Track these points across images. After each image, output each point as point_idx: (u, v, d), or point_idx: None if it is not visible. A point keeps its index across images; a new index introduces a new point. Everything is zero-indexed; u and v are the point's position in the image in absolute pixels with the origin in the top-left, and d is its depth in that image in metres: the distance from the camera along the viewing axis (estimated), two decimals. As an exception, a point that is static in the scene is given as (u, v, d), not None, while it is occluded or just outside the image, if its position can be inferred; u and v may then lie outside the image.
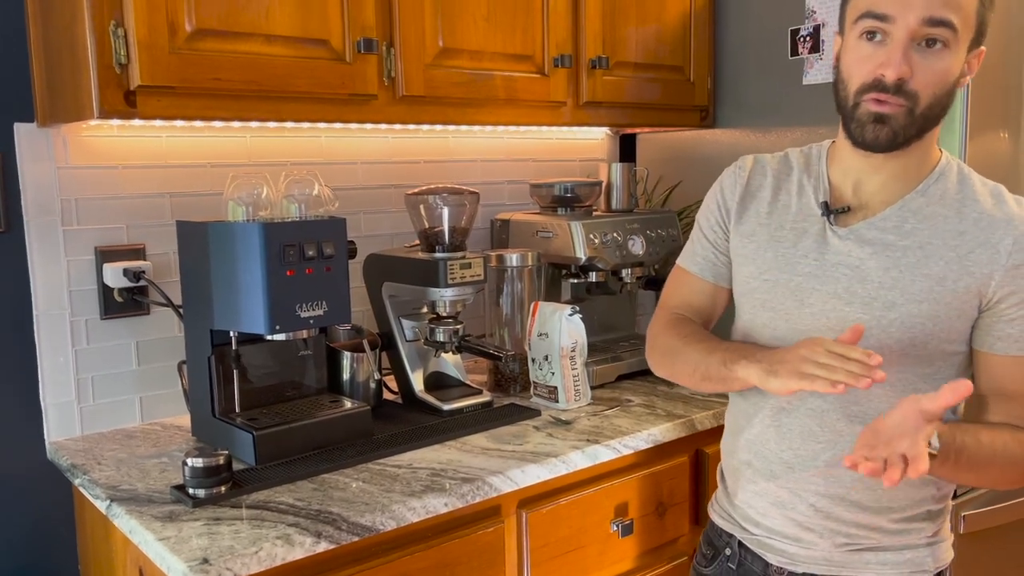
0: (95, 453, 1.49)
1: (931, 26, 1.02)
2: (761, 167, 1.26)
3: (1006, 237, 1.06)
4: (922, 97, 1.04)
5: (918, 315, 1.08)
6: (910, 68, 1.03)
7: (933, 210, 1.10)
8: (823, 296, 1.14)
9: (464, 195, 1.63)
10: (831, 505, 1.17)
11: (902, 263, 1.10)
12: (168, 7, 1.30)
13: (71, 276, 1.58)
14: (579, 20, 1.82)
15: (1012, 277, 1.06)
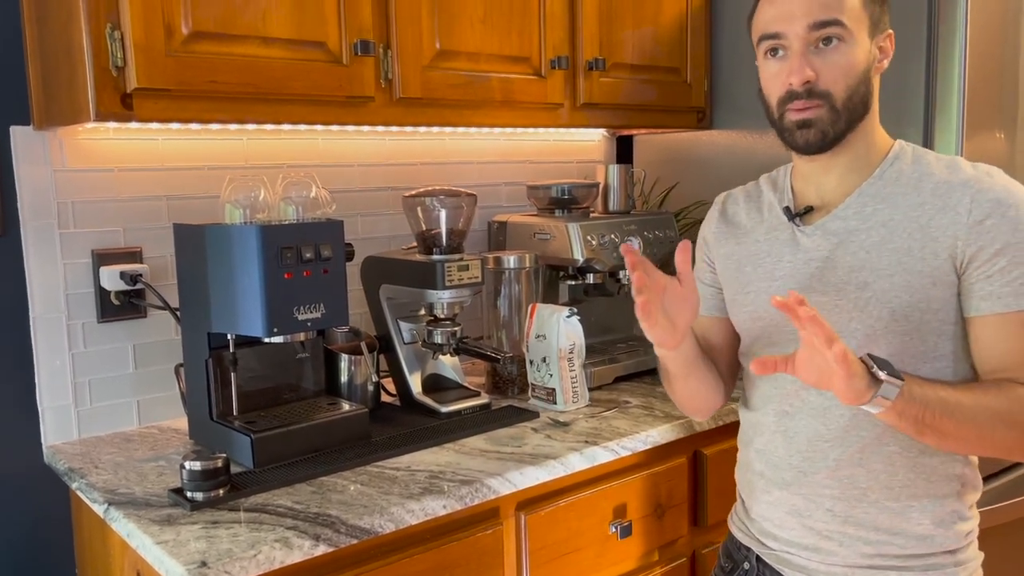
0: (92, 457, 1.49)
1: (819, 28, 1.09)
2: (733, 197, 1.34)
3: (964, 197, 1.07)
4: (835, 92, 1.10)
5: (891, 288, 1.09)
6: (813, 71, 1.09)
7: (891, 190, 1.13)
8: (802, 292, 1.15)
9: (461, 197, 1.63)
10: (849, 508, 1.15)
11: (867, 244, 1.12)
12: (165, 10, 1.30)
13: (68, 279, 1.57)
14: (575, 22, 1.83)
15: (977, 233, 1.06)
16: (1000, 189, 1.07)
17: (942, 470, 1.13)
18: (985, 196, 1.06)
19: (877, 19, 1.13)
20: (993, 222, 1.05)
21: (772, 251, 1.22)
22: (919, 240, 1.09)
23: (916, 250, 1.09)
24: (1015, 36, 1.73)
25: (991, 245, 1.05)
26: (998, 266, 1.05)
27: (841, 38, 1.09)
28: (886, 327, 1.10)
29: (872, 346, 1.10)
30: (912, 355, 1.10)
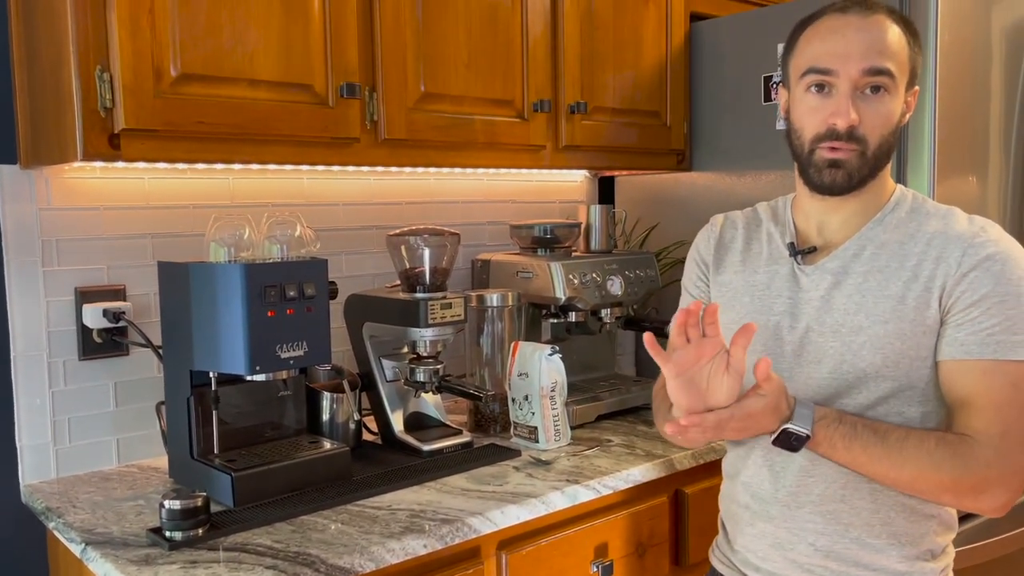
0: (70, 496, 1.48)
1: (872, 75, 1.09)
2: (732, 222, 1.34)
3: (956, 250, 1.10)
4: (871, 140, 1.11)
5: (884, 335, 1.11)
6: (858, 115, 1.10)
7: (889, 236, 1.15)
8: (798, 332, 1.18)
9: (445, 236, 1.65)
10: (831, 543, 1.16)
11: (863, 288, 1.14)
12: (154, 52, 1.32)
13: (50, 317, 1.57)
14: (558, 67, 1.87)
15: (961, 285, 1.08)
16: (992, 244, 1.09)
17: (921, 509, 1.15)
18: (977, 251, 1.08)
19: (912, 74, 1.15)
20: (977, 274, 1.07)
21: (772, 285, 1.23)
22: (913, 288, 1.11)
23: (910, 298, 1.11)
24: (984, 83, 1.79)
25: (970, 296, 1.07)
26: (971, 316, 1.07)
27: (887, 89, 1.10)
28: (877, 372, 1.11)
29: (863, 389, 1.12)
30: (902, 401, 1.12)
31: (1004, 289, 1.06)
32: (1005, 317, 1.05)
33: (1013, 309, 1.05)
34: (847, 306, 1.14)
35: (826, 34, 1.13)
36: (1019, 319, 1.05)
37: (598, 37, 1.93)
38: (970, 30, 1.74)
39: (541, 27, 1.82)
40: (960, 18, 1.71)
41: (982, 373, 1.06)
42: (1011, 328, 1.05)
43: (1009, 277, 1.06)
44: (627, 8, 1.98)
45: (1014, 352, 1.05)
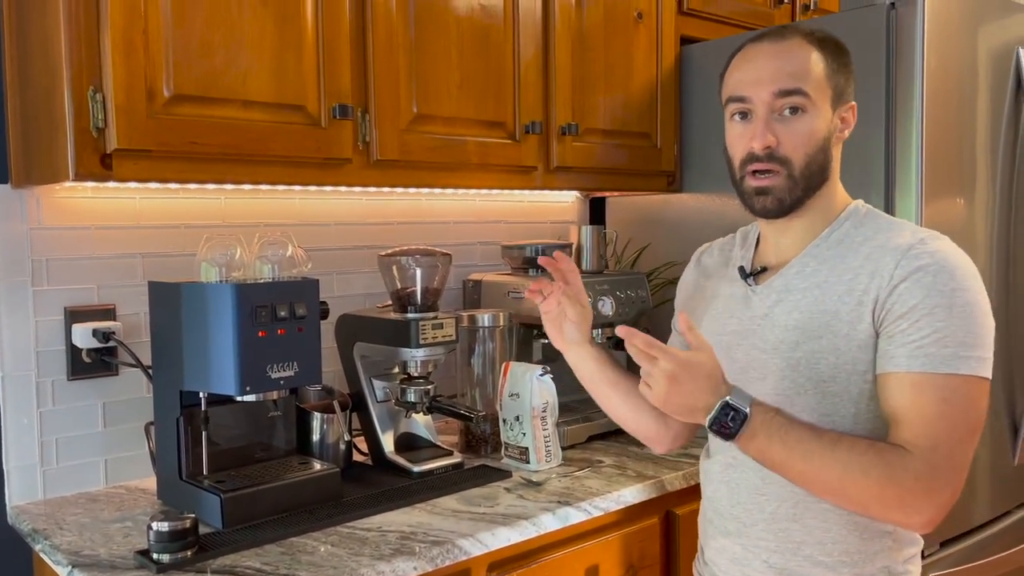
0: (57, 517, 1.46)
1: (784, 97, 1.13)
2: (711, 249, 1.39)
3: (890, 263, 1.09)
4: (794, 160, 1.14)
5: (819, 350, 1.12)
6: (775, 137, 1.13)
7: (833, 252, 1.16)
8: (745, 348, 1.21)
9: (436, 256, 1.65)
10: (784, 561, 1.18)
11: (802, 304, 1.15)
12: (147, 73, 1.33)
13: (39, 337, 1.57)
14: (549, 89, 1.88)
15: (892, 297, 1.07)
16: (926, 256, 1.07)
17: (874, 527, 1.15)
18: (910, 263, 1.07)
19: (841, 91, 1.17)
20: (907, 286, 1.06)
21: (727, 307, 1.26)
22: (847, 303, 1.11)
23: (844, 313, 1.11)
24: (971, 105, 1.81)
25: (899, 308, 1.06)
26: (900, 328, 1.06)
27: (804, 108, 1.13)
28: (815, 387, 1.12)
29: (804, 405, 1.13)
30: (842, 415, 1.12)
31: (933, 301, 1.04)
32: (934, 329, 1.03)
33: (943, 321, 1.03)
34: (786, 322, 1.16)
35: (742, 63, 1.18)
36: (949, 331, 1.03)
37: (589, 59, 1.95)
38: (956, 53, 1.77)
39: (533, 49, 1.84)
40: (946, 41, 1.74)
41: (912, 387, 1.04)
42: (941, 341, 1.03)
43: (940, 289, 1.04)
44: (618, 31, 2.00)
45: (945, 365, 1.03)
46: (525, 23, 1.82)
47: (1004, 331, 1.92)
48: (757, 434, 1.04)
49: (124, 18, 1.29)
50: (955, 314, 1.03)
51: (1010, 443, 1.96)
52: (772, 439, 1.04)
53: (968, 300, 1.04)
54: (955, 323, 1.03)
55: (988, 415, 1.86)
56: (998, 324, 1.93)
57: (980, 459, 1.88)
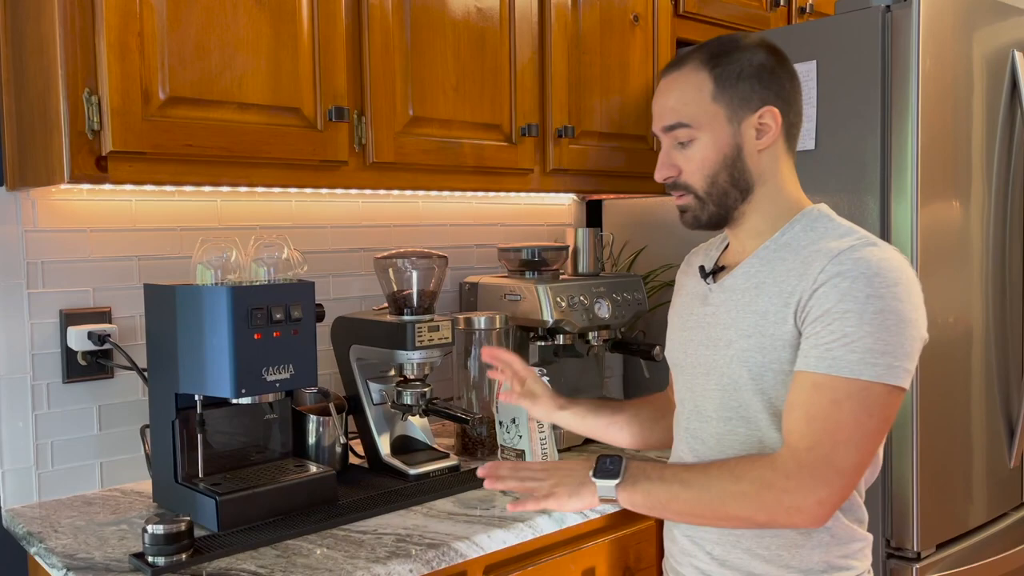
0: (52, 520, 1.46)
1: (667, 132, 1.19)
2: (697, 249, 1.40)
3: (816, 266, 1.10)
4: (694, 184, 1.18)
5: (748, 348, 1.14)
6: (675, 166, 1.19)
7: (777, 255, 1.17)
8: (696, 345, 1.24)
9: (433, 259, 1.65)
10: (725, 553, 1.19)
11: (740, 303, 1.18)
12: (143, 75, 1.33)
13: (34, 339, 1.56)
14: (545, 91, 1.88)
15: (812, 299, 1.08)
16: (850, 263, 1.08)
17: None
18: (833, 267, 1.08)
19: (739, 104, 1.16)
20: (825, 290, 1.07)
21: (688, 305, 1.29)
22: (776, 304, 1.13)
23: (772, 313, 1.13)
24: (966, 108, 1.81)
25: (816, 311, 1.08)
26: (815, 329, 1.07)
27: (692, 137, 1.16)
28: (745, 384, 1.15)
29: (742, 402, 1.15)
30: (773, 413, 1.13)
31: (846, 306, 1.05)
32: (843, 334, 1.04)
33: (853, 326, 1.04)
34: (725, 321, 1.19)
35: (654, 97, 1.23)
36: (857, 337, 1.04)
37: (585, 62, 1.95)
38: (951, 56, 1.77)
39: (529, 52, 1.84)
40: (941, 44, 1.74)
41: (812, 386, 1.06)
42: (848, 345, 1.04)
43: (855, 294, 1.05)
44: (614, 34, 2.01)
45: (847, 369, 1.04)
46: (521, 26, 1.82)
47: (999, 334, 1.93)
48: (637, 478, 1.11)
49: (119, 20, 1.29)
50: (866, 320, 1.04)
51: (1006, 446, 1.96)
52: (651, 479, 1.11)
53: (881, 307, 1.05)
54: (865, 329, 1.04)
55: (983, 418, 1.89)
56: (993, 325, 1.94)
57: (976, 462, 1.89)
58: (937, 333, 1.78)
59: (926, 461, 1.76)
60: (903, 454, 1.76)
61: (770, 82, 1.16)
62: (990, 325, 1.90)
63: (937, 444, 1.79)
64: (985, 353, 1.90)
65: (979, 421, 1.89)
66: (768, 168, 1.18)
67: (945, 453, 1.81)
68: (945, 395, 1.81)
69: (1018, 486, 2.02)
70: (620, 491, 1.11)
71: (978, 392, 1.89)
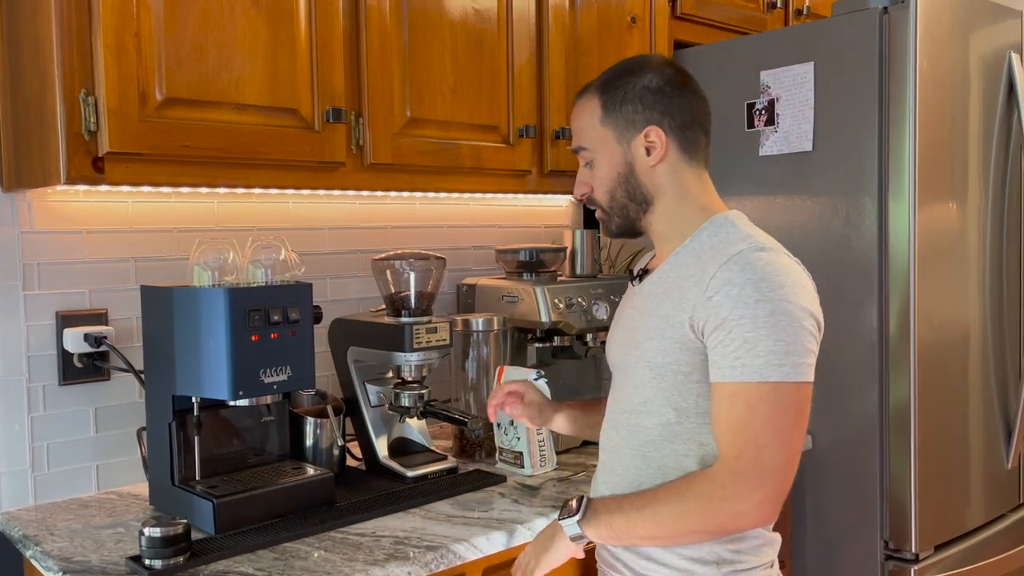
0: (48, 523, 1.45)
1: (577, 153, 1.29)
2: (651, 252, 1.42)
3: (709, 272, 1.14)
4: (599, 199, 1.27)
5: (650, 350, 1.19)
6: (587, 183, 1.28)
7: (683, 260, 1.22)
8: (617, 344, 1.31)
9: (430, 260, 1.65)
10: None
11: (647, 307, 1.23)
12: (140, 76, 1.32)
13: (30, 341, 1.56)
14: (543, 92, 1.88)
15: (705, 307, 1.12)
16: (737, 269, 1.12)
17: None
18: (723, 274, 1.12)
19: (625, 126, 1.23)
20: (718, 299, 1.11)
21: (621, 307, 1.36)
22: (675, 308, 1.17)
23: (671, 316, 1.17)
24: (963, 110, 1.82)
25: (714, 319, 1.11)
26: (718, 339, 1.11)
27: (590, 158, 1.26)
28: (650, 383, 1.20)
29: (647, 400, 1.21)
30: (675, 409, 1.18)
31: (739, 312, 1.09)
32: (744, 340, 1.08)
33: (750, 332, 1.08)
34: (637, 324, 1.24)
35: None
36: (756, 341, 1.08)
37: (583, 63, 1.95)
38: (948, 58, 1.77)
39: (526, 53, 1.84)
40: (938, 46, 1.74)
41: (728, 396, 1.11)
42: (752, 351, 1.08)
43: (744, 301, 1.09)
44: (611, 35, 2.01)
45: (756, 374, 1.08)
46: (519, 27, 1.82)
47: (996, 335, 1.93)
48: (598, 511, 1.19)
49: (116, 21, 1.29)
50: (759, 324, 1.08)
51: (1004, 447, 1.97)
52: (611, 511, 1.18)
53: (772, 310, 1.09)
54: (760, 333, 1.08)
55: (981, 419, 1.89)
56: (991, 327, 1.95)
57: (974, 463, 1.89)
58: (934, 334, 1.78)
59: (924, 463, 1.76)
60: (901, 456, 1.76)
61: (654, 103, 1.22)
62: (987, 326, 1.90)
63: (935, 446, 1.79)
64: (982, 354, 1.90)
65: (977, 423, 1.89)
66: (665, 181, 1.24)
67: (943, 455, 1.82)
68: (942, 397, 1.81)
69: (1016, 487, 2.03)
70: (584, 526, 1.18)
71: (976, 393, 1.89)
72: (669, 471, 1.19)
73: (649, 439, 1.21)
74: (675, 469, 1.19)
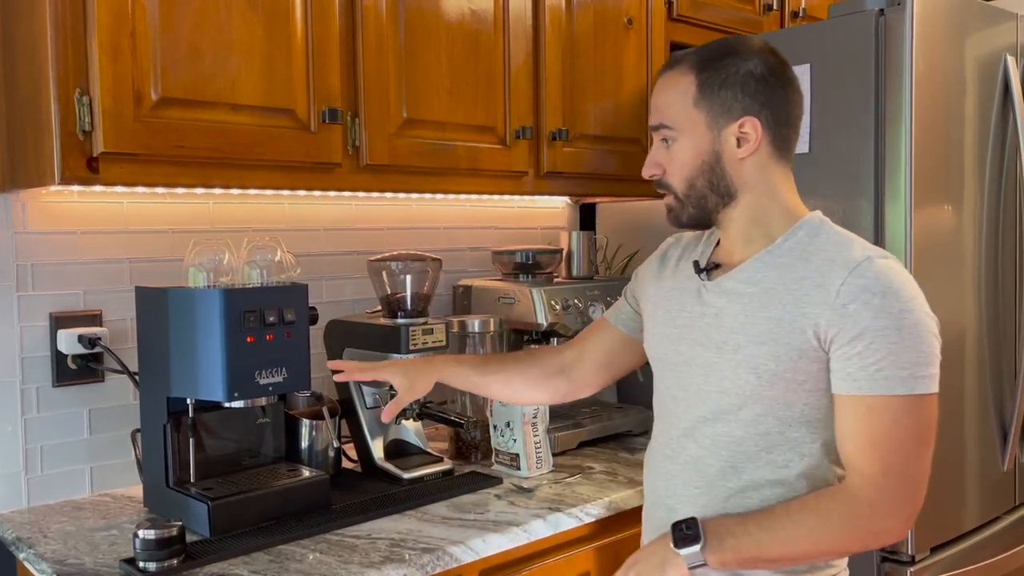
0: (41, 526, 1.44)
1: (655, 131, 1.21)
2: (678, 240, 1.40)
3: (837, 279, 1.10)
4: (674, 184, 1.20)
5: (759, 355, 1.13)
6: (659, 164, 1.21)
7: (782, 260, 1.17)
8: (690, 343, 1.22)
9: (426, 261, 1.64)
10: None
11: (748, 308, 1.16)
12: (135, 76, 1.31)
13: (24, 342, 1.55)
14: (540, 94, 1.88)
15: (840, 316, 1.08)
16: (871, 277, 1.08)
17: None
18: (856, 281, 1.09)
19: (719, 112, 1.16)
20: (855, 307, 1.08)
21: (679, 299, 1.27)
22: (791, 312, 1.12)
23: (786, 322, 1.12)
24: (958, 112, 1.82)
25: (852, 329, 1.08)
26: (856, 349, 1.08)
27: (673, 138, 1.18)
28: (753, 390, 1.14)
29: (744, 407, 1.15)
30: (778, 418, 1.14)
31: (882, 323, 1.06)
32: (888, 351, 1.06)
33: (896, 343, 1.06)
34: (732, 325, 1.17)
35: None
36: (901, 353, 1.06)
37: (579, 65, 1.95)
38: (944, 60, 1.77)
39: (523, 55, 1.84)
40: (935, 48, 1.74)
41: (868, 410, 1.07)
42: (896, 363, 1.06)
43: (888, 310, 1.07)
44: (608, 37, 2.01)
45: (901, 386, 1.06)
46: (515, 28, 1.82)
47: (992, 337, 1.93)
48: (721, 536, 1.10)
49: (111, 20, 1.28)
50: (904, 335, 1.06)
51: (999, 449, 1.97)
52: (735, 535, 1.10)
53: (914, 320, 1.07)
54: (905, 344, 1.06)
55: (976, 421, 1.89)
56: (986, 331, 1.95)
57: (970, 465, 1.89)
58: (931, 336, 1.78)
59: (920, 464, 1.76)
60: (897, 457, 1.76)
61: (756, 91, 1.15)
62: (983, 329, 1.90)
63: (931, 447, 1.79)
64: (978, 356, 1.90)
65: (972, 424, 1.89)
66: (752, 176, 1.18)
67: (939, 456, 1.80)
68: (938, 398, 1.81)
69: (1011, 489, 2.03)
70: (707, 554, 1.10)
71: (971, 395, 1.89)
72: (763, 484, 1.14)
73: (742, 450, 1.15)
74: (771, 482, 1.14)
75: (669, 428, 1.26)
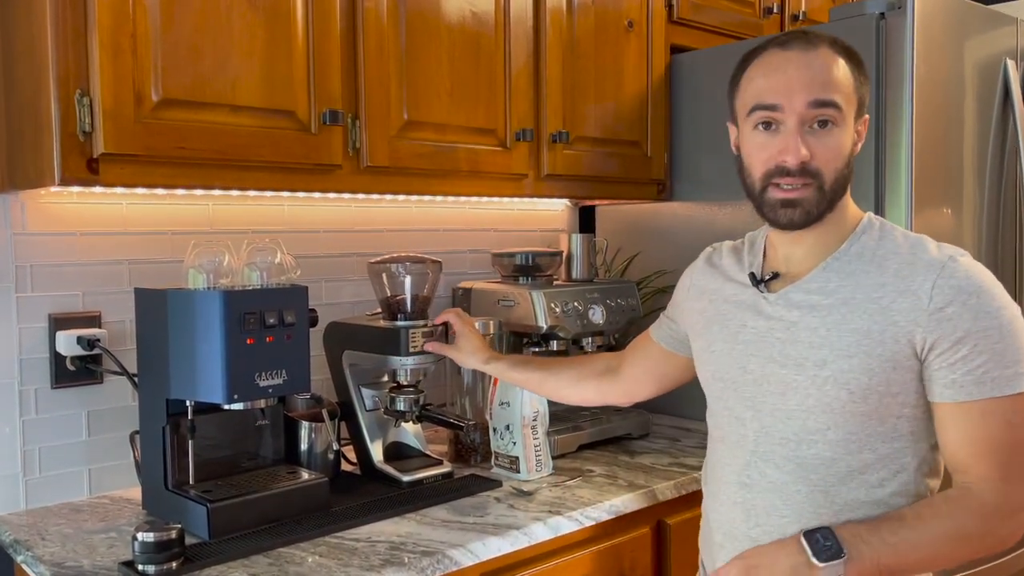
0: (39, 528, 1.44)
1: (817, 108, 1.08)
2: (719, 251, 1.34)
3: (925, 282, 1.07)
4: (825, 174, 1.10)
5: (850, 370, 1.08)
6: (808, 151, 1.08)
7: (855, 267, 1.13)
8: (761, 361, 1.16)
9: (426, 264, 1.64)
10: None
11: (828, 321, 1.11)
12: (135, 77, 1.31)
13: (22, 344, 1.54)
14: (540, 96, 1.88)
15: (937, 321, 1.05)
16: (962, 275, 1.06)
17: None
18: (947, 282, 1.05)
19: (862, 103, 1.14)
20: (954, 310, 1.04)
21: (737, 314, 1.21)
22: (879, 322, 1.08)
23: (876, 332, 1.08)
24: (958, 115, 1.82)
25: (952, 333, 1.04)
26: (959, 354, 1.04)
27: (835, 121, 1.09)
28: (843, 407, 1.09)
29: (832, 424, 1.10)
30: (870, 435, 1.09)
31: (985, 323, 1.04)
32: (993, 352, 1.03)
33: (999, 343, 1.03)
34: (812, 340, 1.11)
35: (769, 71, 1.12)
36: (1006, 352, 1.03)
37: (580, 67, 1.95)
38: (945, 63, 1.78)
39: (524, 57, 1.83)
40: (935, 51, 1.75)
41: (981, 415, 1.04)
42: (1001, 363, 1.03)
43: (987, 310, 1.04)
44: (608, 39, 2.01)
45: (1008, 387, 1.03)
46: (516, 31, 1.82)
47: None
48: (859, 548, 1.04)
49: (112, 21, 1.28)
50: (1006, 333, 1.04)
51: (999, 452, 1.96)
52: (872, 545, 1.04)
53: (1011, 316, 1.05)
54: (1007, 342, 1.04)
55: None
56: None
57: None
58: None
59: (920, 468, 1.75)
60: (897, 461, 1.75)
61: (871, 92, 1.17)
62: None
63: (931, 451, 1.78)
64: (978, 360, 1.90)
65: (972, 428, 1.89)
66: (851, 175, 1.14)
67: (939, 460, 1.81)
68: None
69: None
70: (850, 567, 1.03)
71: (971, 399, 1.89)
72: (858, 506, 1.09)
73: (832, 472, 1.10)
74: (866, 503, 1.09)
75: (739, 452, 1.19)
